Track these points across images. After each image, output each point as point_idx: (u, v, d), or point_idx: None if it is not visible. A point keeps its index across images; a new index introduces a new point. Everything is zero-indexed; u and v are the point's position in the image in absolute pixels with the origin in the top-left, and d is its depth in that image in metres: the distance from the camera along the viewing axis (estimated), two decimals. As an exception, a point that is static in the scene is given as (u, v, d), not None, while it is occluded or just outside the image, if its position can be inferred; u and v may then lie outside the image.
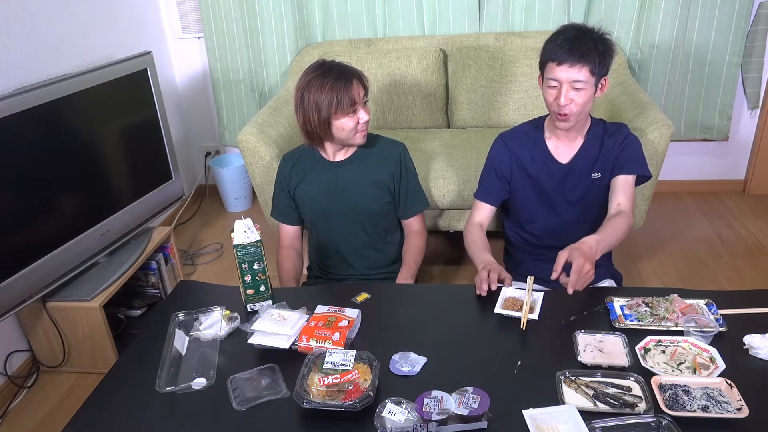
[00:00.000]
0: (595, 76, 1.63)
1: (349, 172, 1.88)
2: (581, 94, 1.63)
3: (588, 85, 1.63)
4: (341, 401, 1.19)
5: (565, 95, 1.63)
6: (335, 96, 1.72)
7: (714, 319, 1.39)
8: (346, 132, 1.78)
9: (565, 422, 1.12)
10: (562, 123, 1.70)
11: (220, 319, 1.48)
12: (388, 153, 1.91)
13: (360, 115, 1.77)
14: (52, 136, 2.07)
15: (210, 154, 3.63)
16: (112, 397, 1.31)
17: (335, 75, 1.74)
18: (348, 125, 1.77)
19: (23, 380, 2.26)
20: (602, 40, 1.64)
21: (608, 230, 1.63)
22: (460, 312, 1.52)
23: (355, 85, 1.75)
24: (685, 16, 2.91)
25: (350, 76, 1.75)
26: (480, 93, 2.91)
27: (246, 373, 1.32)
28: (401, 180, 1.91)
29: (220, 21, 3.17)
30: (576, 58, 1.60)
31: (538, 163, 1.83)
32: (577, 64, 1.60)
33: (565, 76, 1.62)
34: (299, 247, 2.01)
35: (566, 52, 1.61)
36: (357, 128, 1.79)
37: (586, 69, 1.61)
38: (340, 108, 1.73)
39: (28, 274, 1.99)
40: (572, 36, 1.62)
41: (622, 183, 1.76)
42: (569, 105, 1.64)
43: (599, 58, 1.62)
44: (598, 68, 1.62)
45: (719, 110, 3.10)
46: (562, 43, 1.62)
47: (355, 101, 1.74)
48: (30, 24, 2.27)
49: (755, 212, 3.16)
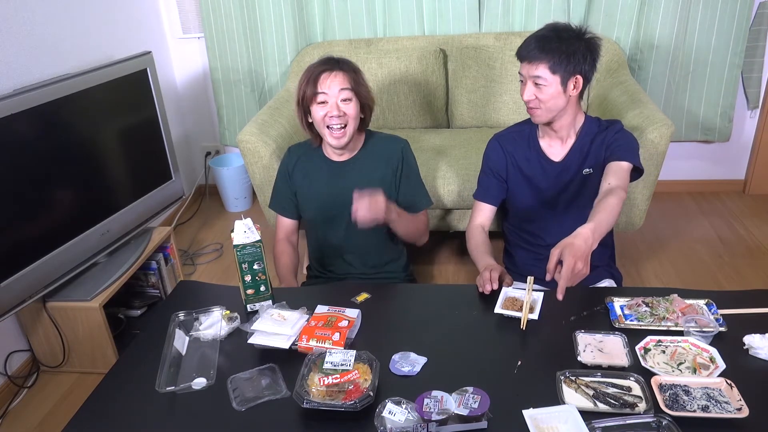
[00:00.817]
0: (558, 74, 1.64)
1: (352, 173, 1.88)
2: (543, 90, 1.67)
3: (549, 82, 1.65)
4: (341, 401, 1.18)
5: (527, 91, 1.69)
6: (308, 81, 1.73)
7: (714, 319, 1.39)
8: (317, 123, 1.77)
9: (565, 422, 1.12)
10: (532, 117, 1.76)
11: (220, 319, 1.48)
12: (389, 150, 1.90)
13: (329, 109, 1.73)
14: (52, 136, 2.07)
15: (210, 154, 3.63)
16: (112, 397, 1.31)
17: (324, 60, 1.76)
18: (317, 115, 1.75)
19: (23, 380, 2.26)
20: (573, 39, 1.64)
21: (601, 214, 1.51)
22: (460, 312, 1.52)
23: (333, 73, 1.73)
24: (685, 16, 2.91)
25: (335, 65, 1.74)
26: (480, 93, 2.91)
27: (246, 373, 1.32)
28: (403, 176, 1.91)
29: (220, 21, 3.17)
30: (534, 55, 1.64)
31: (533, 163, 1.84)
32: (535, 61, 1.64)
33: (526, 72, 1.68)
34: (295, 240, 2.01)
35: (528, 49, 1.65)
36: (325, 121, 1.75)
37: (544, 66, 1.63)
38: (309, 95, 1.73)
39: (28, 274, 1.99)
40: (541, 34, 1.66)
41: (614, 167, 1.69)
42: (533, 100, 1.69)
43: (562, 56, 1.62)
44: (561, 66, 1.63)
45: (720, 111, 3.09)
46: (529, 41, 1.66)
47: (323, 91, 1.72)
48: (30, 24, 2.27)
49: (755, 212, 3.17)
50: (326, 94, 1.73)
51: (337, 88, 1.73)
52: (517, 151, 1.86)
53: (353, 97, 1.76)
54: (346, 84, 1.75)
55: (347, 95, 1.75)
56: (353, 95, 1.76)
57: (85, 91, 2.16)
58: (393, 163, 1.89)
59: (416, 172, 1.96)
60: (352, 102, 1.77)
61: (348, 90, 1.75)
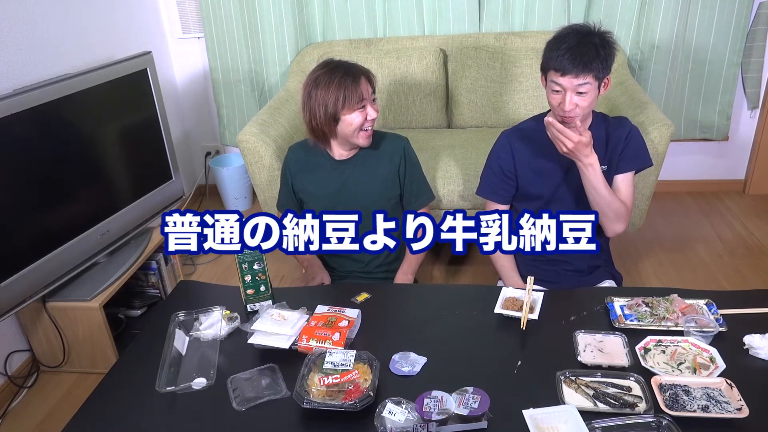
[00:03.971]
0: (599, 79, 1.64)
1: (356, 172, 1.89)
2: (585, 98, 1.64)
3: (592, 88, 1.64)
4: (341, 401, 1.19)
5: (570, 101, 1.64)
6: (343, 91, 1.73)
7: (714, 319, 1.39)
8: (353, 128, 1.78)
9: (565, 422, 1.12)
10: (568, 123, 1.71)
11: (220, 319, 1.48)
12: (392, 147, 1.93)
13: (369, 111, 1.78)
14: (52, 136, 2.07)
15: (210, 154, 3.63)
16: (112, 397, 1.31)
17: (343, 71, 1.75)
18: (356, 120, 1.77)
19: (23, 380, 2.26)
20: (603, 43, 1.63)
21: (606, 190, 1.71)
22: (460, 312, 1.52)
23: (363, 82, 1.76)
24: (685, 16, 2.91)
25: (357, 73, 1.77)
26: (480, 93, 2.91)
27: (246, 373, 1.33)
28: (406, 172, 1.93)
29: (220, 21, 3.17)
30: (580, 69, 1.60)
31: (543, 159, 1.83)
32: (582, 74, 1.60)
33: (569, 84, 1.63)
34: None
35: (570, 63, 1.60)
36: (364, 125, 1.79)
37: (591, 76, 1.61)
38: (348, 104, 1.74)
39: (28, 274, 1.99)
40: (574, 44, 1.61)
41: (620, 183, 1.80)
42: (574, 109, 1.65)
43: (602, 63, 1.62)
44: (602, 72, 1.63)
45: (719, 110, 3.09)
46: (564, 53, 1.61)
47: (363, 97, 1.76)
48: (30, 24, 2.27)
49: (755, 212, 3.16)
50: (365, 99, 1.77)
51: (369, 93, 1.79)
52: (527, 146, 1.85)
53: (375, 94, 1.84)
54: (371, 88, 1.81)
55: (374, 96, 1.82)
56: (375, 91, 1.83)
57: (85, 91, 2.16)
58: (395, 159, 1.92)
59: (418, 167, 1.99)
60: (376, 102, 1.84)
61: (374, 92, 1.82)
